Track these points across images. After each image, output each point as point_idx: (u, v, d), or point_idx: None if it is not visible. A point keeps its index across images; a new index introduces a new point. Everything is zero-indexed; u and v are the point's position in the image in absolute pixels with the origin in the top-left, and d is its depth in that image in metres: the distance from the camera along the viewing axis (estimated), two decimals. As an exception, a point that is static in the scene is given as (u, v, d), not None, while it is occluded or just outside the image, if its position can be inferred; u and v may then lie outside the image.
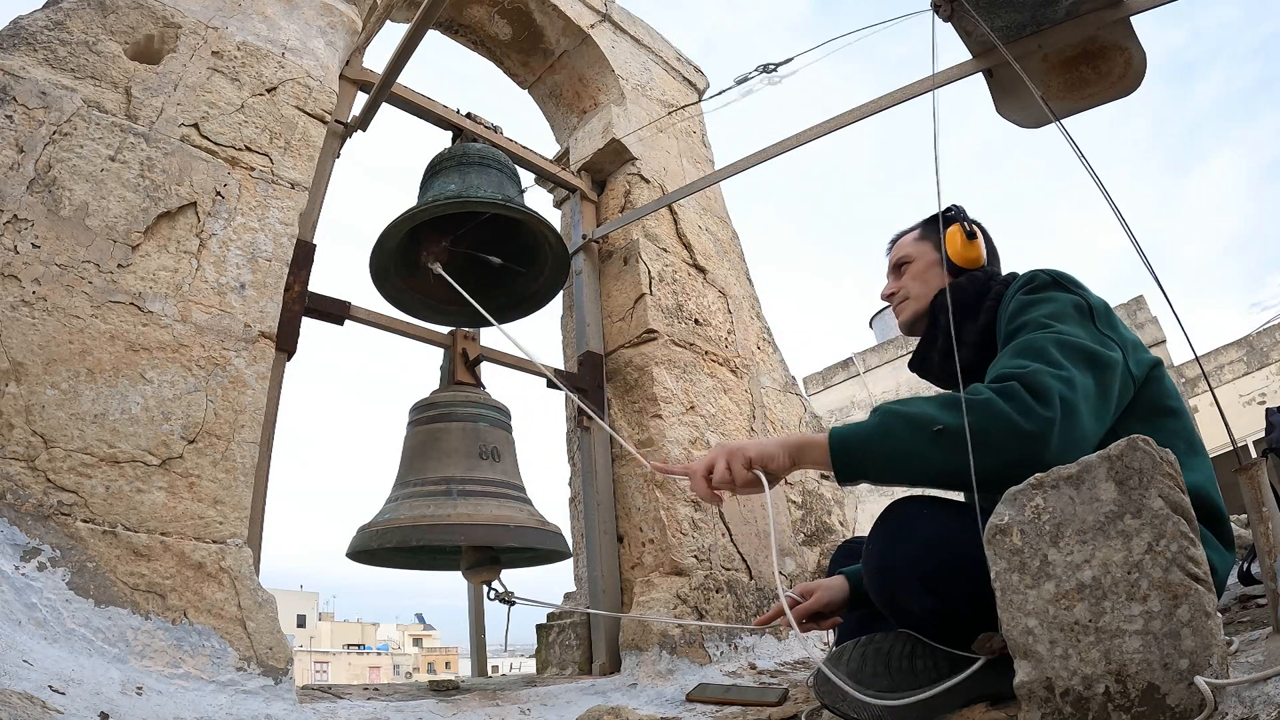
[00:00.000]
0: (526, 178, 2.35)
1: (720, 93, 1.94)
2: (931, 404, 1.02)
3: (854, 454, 1.04)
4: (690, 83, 3.17)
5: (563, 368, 2.41)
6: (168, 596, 1.18)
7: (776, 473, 1.10)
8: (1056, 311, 1.13)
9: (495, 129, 2.20)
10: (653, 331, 2.27)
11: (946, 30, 1.56)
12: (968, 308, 1.30)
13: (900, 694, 1.00)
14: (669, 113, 2.88)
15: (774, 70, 1.78)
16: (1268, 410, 1.69)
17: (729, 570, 2.13)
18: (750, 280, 2.91)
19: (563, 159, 2.70)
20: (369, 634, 39.13)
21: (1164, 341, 9.45)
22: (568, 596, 2.47)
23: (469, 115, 2.17)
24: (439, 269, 1.80)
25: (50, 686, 0.94)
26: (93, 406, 1.21)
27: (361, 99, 1.97)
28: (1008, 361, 1.06)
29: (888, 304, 1.52)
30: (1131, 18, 1.48)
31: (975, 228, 1.37)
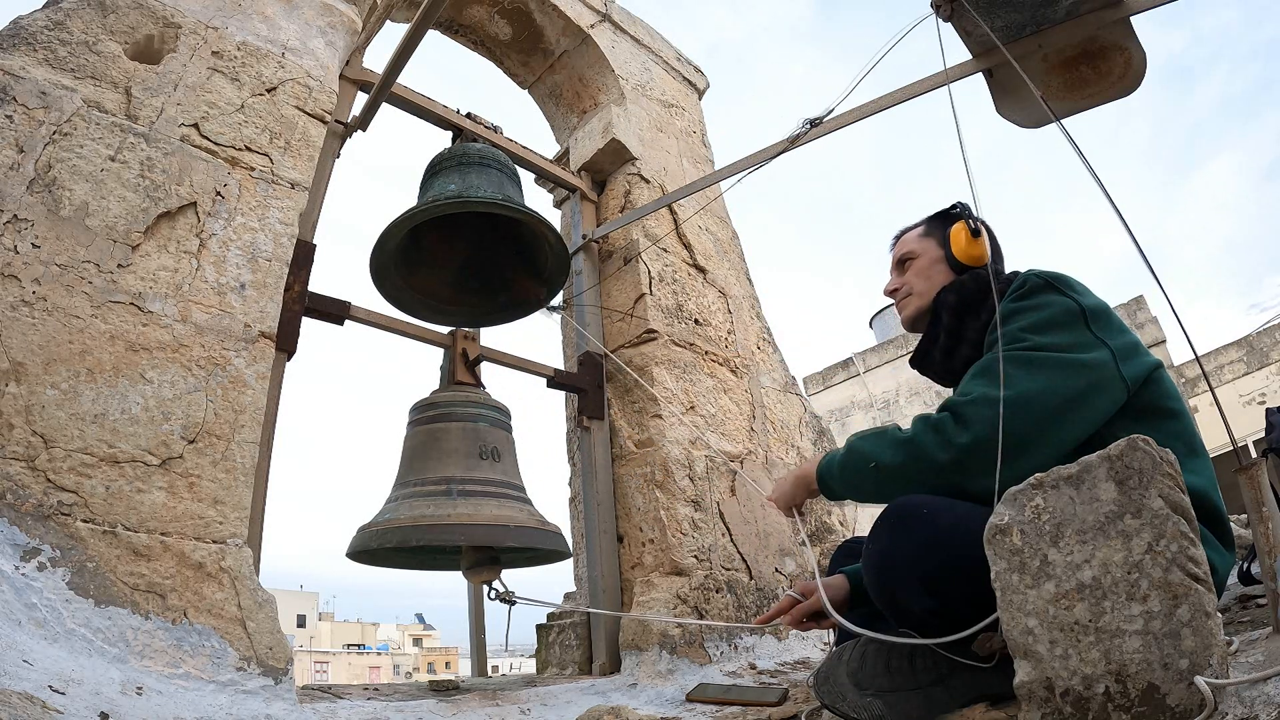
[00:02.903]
0: (526, 177, 2.35)
1: (776, 155, 1.93)
2: (881, 439, 1.17)
3: (829, 483, 1.26)
4: (690, 83, 3.17)
5: (563, 367, 2.41)
6: (168, 596, 1.18)
7: (799, 505, 1.38)
8: (1037, 321, 1.13)
9: (495, 129, 2.20)
10: (653, 331, 2.27)
11: (946, 31, 1.56)
12: (970, 306, 1.30)
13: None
14: (679, 123, 2.88)
15: (819, 123, 1.86)
16: (1268, 410, 1.69)
17: (729, 570, 2.13)
18: (750, 280, 2.91)
19: (563, 159, 2.70)
20: (369, 634, 39.13)
21: (1164, 341, 9.45)
22: (568, 596, 2.47)
23: (469, 115, 2.17)
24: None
25: (50, 686, 0.94)
26: (93, 406, 1.21)
27: (361, 99, 1.97)
28: (963, 386, 1.15)
29: (890, 300, 1.51)
30: (1131, 18, 1.48)
31: (980, 225, 1.37)
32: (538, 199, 2.92)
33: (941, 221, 1.44)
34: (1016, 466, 0.95)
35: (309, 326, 1.64)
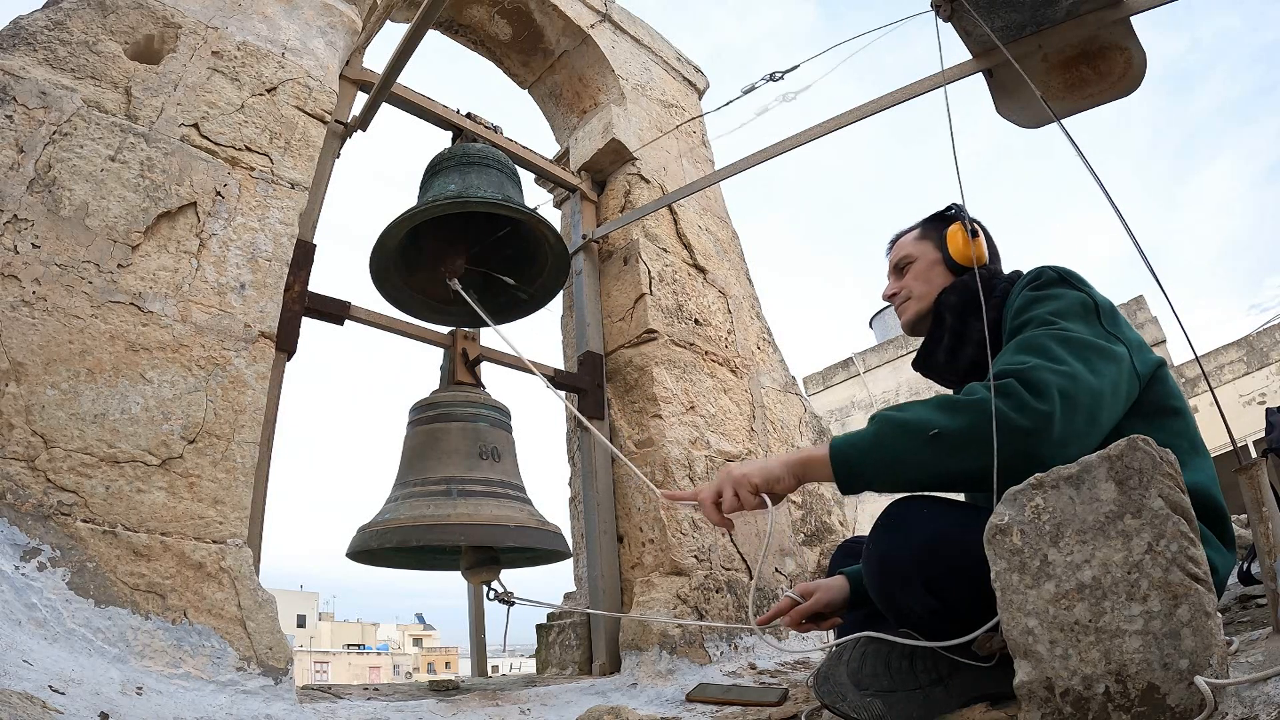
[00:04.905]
0: (526, 177, 2.35)
1: (728, 103, 1.97)
2: (927, 407, 1.03)
3: (854, 466, 1.05)
4: (690, 83, 3.17)
5: (563, 368, 2.41)
6: (168, 596, 1.18)
7: (781, 493, 1.13)
8: (1061, 309, 1.13)
9: (495, 129, 2.20)
10: (653, 331, 2.27)
11: (947, 32, 1.56)
12: (973, 306, 1.30)
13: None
14: (678, 123, 2.88)
15: (780, 78, 1.82)
16: (1268, 410, 1.69)
17: (729, 570, 2.13)
18: (750, 280, 2.91)
19: (563, 159, 2.70)
20: (369, 634, 39.13)
21: (1164, 341, 9.45)
22: (568, 596, 2.47)
23: (469, 115, 2.17)
24: (457, 285, 1.81)
25: (50, 686, 0.94)
26: (93, 406, 1.21)
27: (361, 99, 1.97)
28: (1009, 359, 1.06)
29: (889, 304, 1.51)
30: (1131, 18, 1.48)
31: (976, 226, 1.37)
32: (538, 199, 2.92)
33: (937, 223, 1.44)
34: (1075, 449, 0.90)
35: (309, 326, 1.64)
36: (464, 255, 1.88)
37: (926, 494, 1.11)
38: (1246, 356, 9.95)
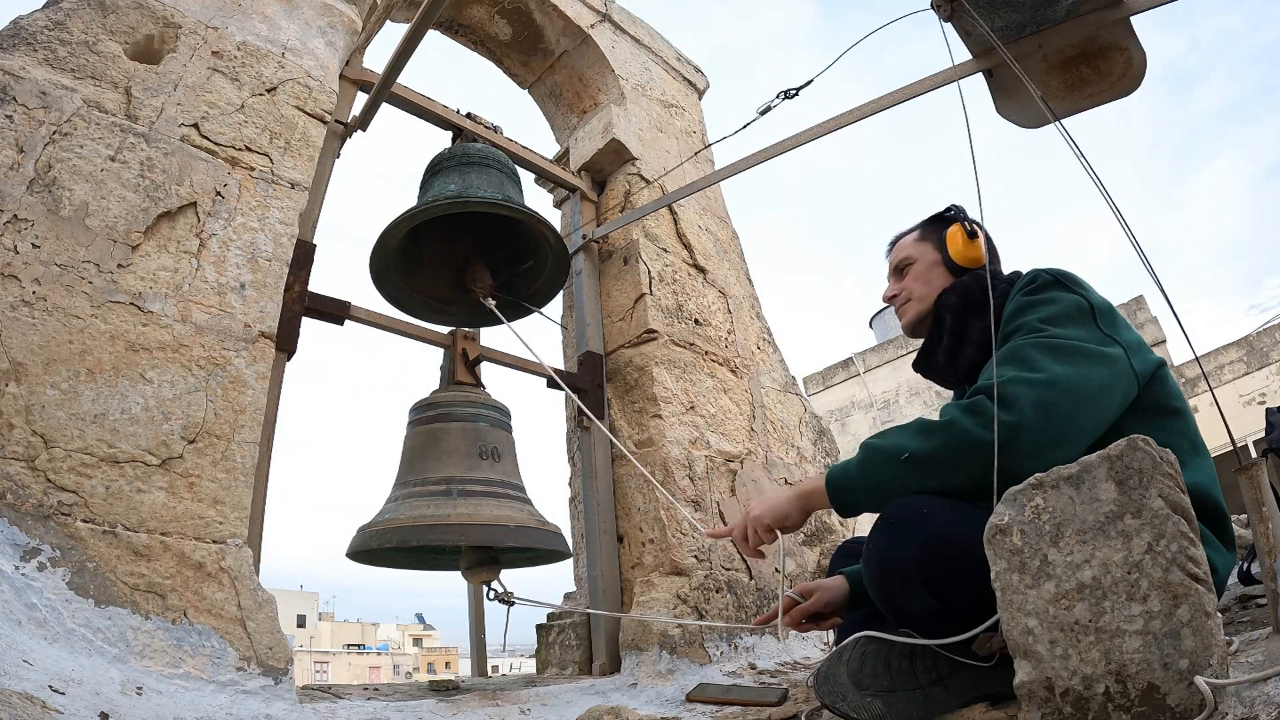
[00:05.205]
0: (526, 177, 2.35)
1: (746, 125, 2.02)
2: (905, 432, 1.11)
3: (846, 493, 1.16)
4: (690, 83, 3.17)
5: (563, 368, 2.41)
6: (168, 596, 1.18)
7: (792, 527, 1.26)
8: (1053, 314, 1.13)
9: (495, 129, 2.20)
10: (653, 331, 2.27)
11: (947, 32, 1.56)
12: (973, 306, 1.30)
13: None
14: (679, 124, 2.88)
15: (795, 95, 1.85)
16: (1268, 410, 1.69)
17: (729, 570, 2.13)
18: (750, 280, 2.91)
19: (563, 159, 2.71)
20: (369, 634, 39.13)
21: (1164, 341, 9.45)
22: (568, 596, 2.47)
23: (469, 115, 2.18)
24: (492, 304, 1.85)
25: (50, 686, 0.94)
26: (93, 406, 1.21)
27: (361, 99, 1.97)
28: (990, 371, 1.09)
29: (889, 305, 1.51)
30: (1131, 18, 1.48)
31: (975, 227, 1.37)
32: (538, 199, 2.92)
33: (937, 225, 1.44)
34: (1054, 455, 0.91)
35: (309, 326, 1.64)
36: (489, 271, 1.92)
37: (927, 494, 1.12)
38: (1246, 356, 9.94)
